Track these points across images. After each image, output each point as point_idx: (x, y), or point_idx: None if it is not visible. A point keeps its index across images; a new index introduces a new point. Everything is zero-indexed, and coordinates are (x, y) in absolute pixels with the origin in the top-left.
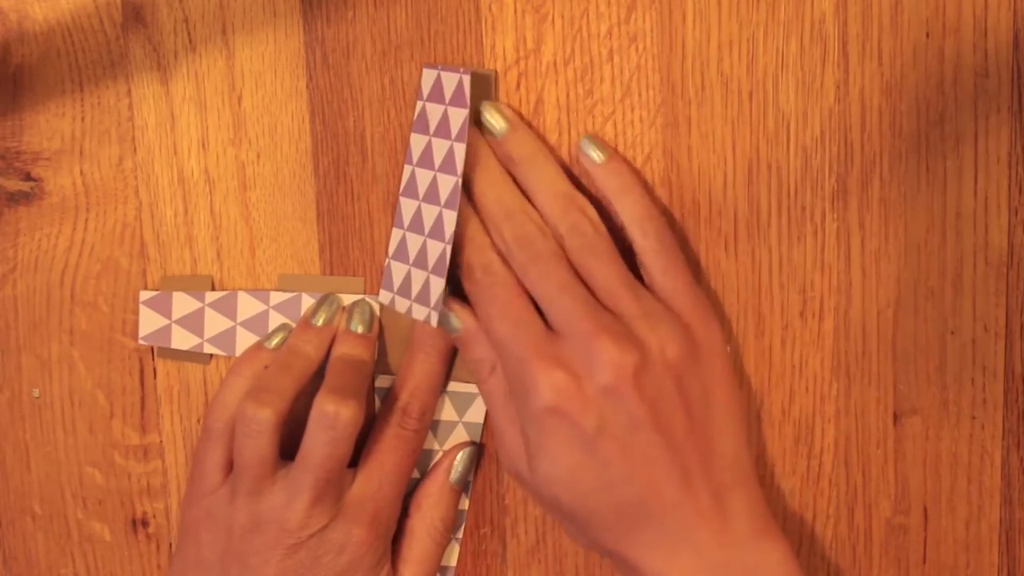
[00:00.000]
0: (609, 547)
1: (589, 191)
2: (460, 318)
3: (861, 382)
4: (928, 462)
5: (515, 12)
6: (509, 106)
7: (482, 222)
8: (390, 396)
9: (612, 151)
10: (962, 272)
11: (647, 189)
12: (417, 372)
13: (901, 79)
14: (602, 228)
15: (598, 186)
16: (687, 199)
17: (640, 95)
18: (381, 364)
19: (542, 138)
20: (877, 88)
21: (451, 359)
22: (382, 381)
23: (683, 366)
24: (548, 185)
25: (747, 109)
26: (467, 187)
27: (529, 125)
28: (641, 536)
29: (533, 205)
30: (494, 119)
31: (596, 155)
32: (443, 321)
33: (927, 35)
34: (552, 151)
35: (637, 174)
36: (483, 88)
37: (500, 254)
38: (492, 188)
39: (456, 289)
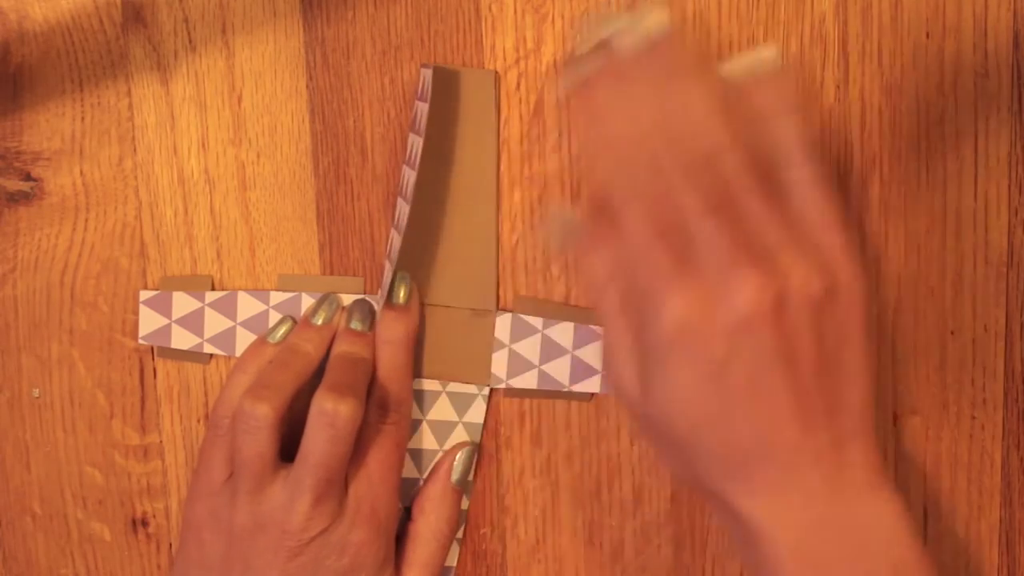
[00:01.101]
0: (714, 483)
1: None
2: (581, 224)
3: None
4: (928, 462)
5: (515, 12)
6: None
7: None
8: None
9: (783, 63)
10: (962, 272)
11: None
12: (385, 364)
13: (901, 79)
14: (755, 148)
15: (759, 102)
16: None
17: None
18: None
19: (545, 135)
20: (877, 88)
21: (416, 347)
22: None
23: (824, 304)
24: (703, 98)
25: None
26: (616, 97)
27: (531, 121)
28: (752, 476)
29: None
30: (652, 17)
31: (770, 59)
32: (563, 237)
33: (927, 35)
34: (554, 149)
35: (801, 94)
36: (484, 88)
37: (636, 169)
38: (645, 96)
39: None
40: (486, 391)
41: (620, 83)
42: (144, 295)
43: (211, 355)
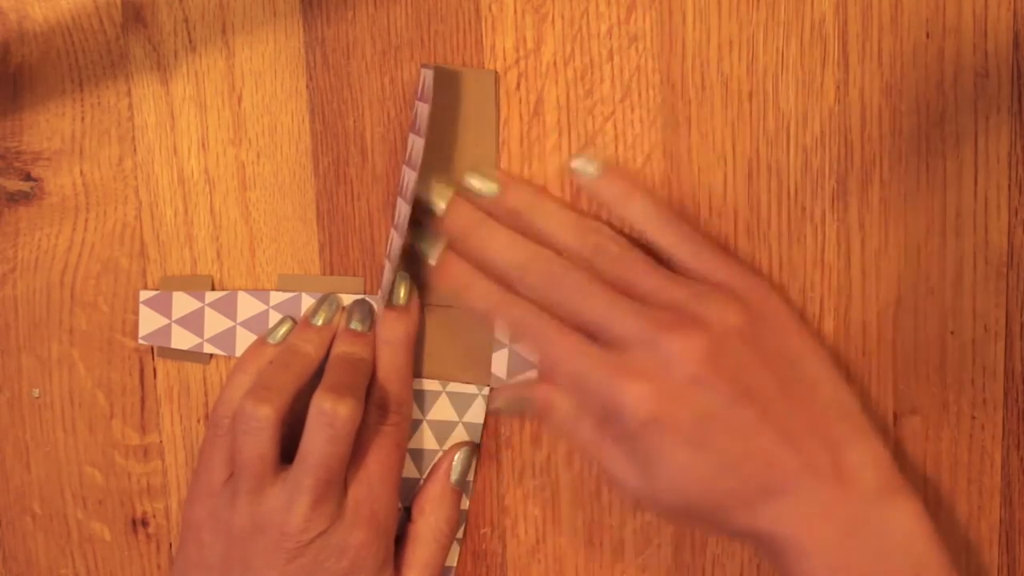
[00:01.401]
0: (743, 528)
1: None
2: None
3: (861, 382)
4: (928, 462)
5: (515, 12)
6: (492, 167)
7: (503, 285)
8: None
9: (603, 162)
10: (962, 272)
11: (645, 188)
12: (385, 364)
13: (901, 79)
14: (622, 239)
15: (600, 200)
16: (687, 199)
17: (640, 95)
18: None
19: (545, 135)
20: (877, 88)
21: (416, 347)
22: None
23: (750, 330)
24: (557, 222)
25: (747, 109)
26: (473, 258)
27: (529, 128)
28: (771, 509)
29: (550, 246)
30: (481, 184)
31: (590, 170)
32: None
33: (927, 35)
34: (554, 149)
35: (632, 177)
36: (484, 88)
37: (528, 307)
38: (496, 248)
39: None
40: (486, 391)
41: (466, 248)
42: (144, 295)
43: (211, 355)
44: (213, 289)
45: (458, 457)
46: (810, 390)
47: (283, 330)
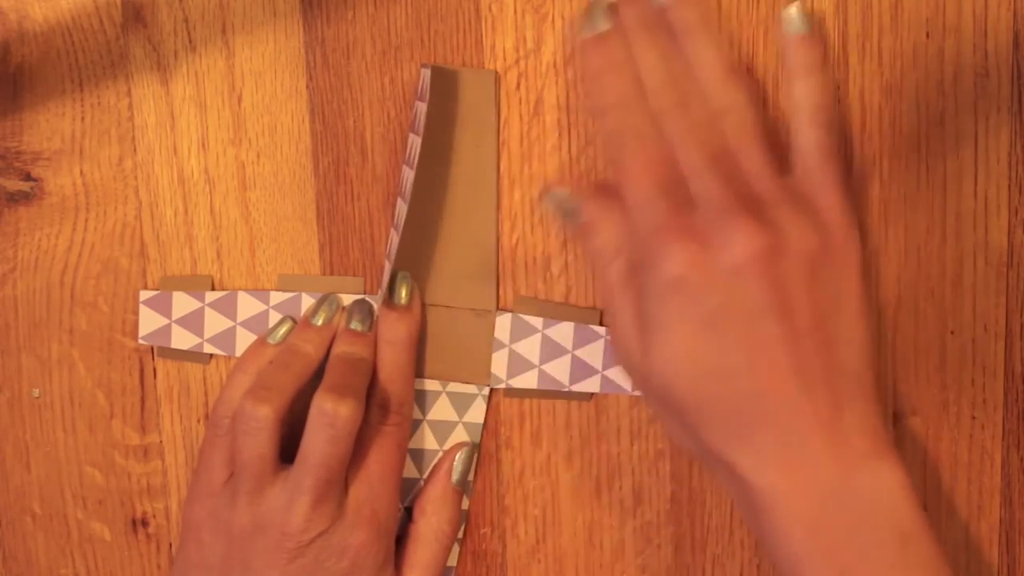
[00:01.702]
0: (718, 449)
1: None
2: (579, 205)
3: None
4: (928, 462)
5: (515, 12)
6: None
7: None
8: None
9: (816, 27)
10: (962, 272)
11: (831, 76)
12: (387, 365)
13: (901, 79)
14: (758, 114)
15: (786, 60)
16: None
17: None
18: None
19: (545, 135)
20: (877, 88)
21: (418, 347)
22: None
23: (818, 261)
24: (712, 59)
25: None
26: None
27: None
28: (754, 440)
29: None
30: None
31: (799, 26)
32: (563, 211)
33: (927, 35)
34: (554, 149)
35: (828, 60)
36: (484, 88)
37: (642, 124)
38: (652, 54)
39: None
40: (486, 391)
41: (632, 40)
42: (144, 295)
43: (211, 355)
44: (213, 289)
45: (459, 457)
46: (838, 342)
47: (283, 330)
